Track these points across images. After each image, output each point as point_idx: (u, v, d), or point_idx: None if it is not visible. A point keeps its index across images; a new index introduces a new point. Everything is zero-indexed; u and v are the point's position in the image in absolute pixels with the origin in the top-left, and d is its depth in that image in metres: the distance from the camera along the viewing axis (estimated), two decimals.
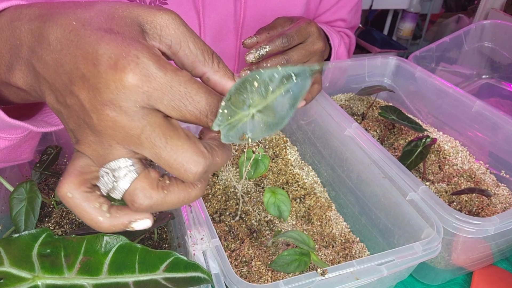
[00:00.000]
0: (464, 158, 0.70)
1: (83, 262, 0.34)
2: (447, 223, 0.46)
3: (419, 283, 0.58)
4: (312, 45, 0.59)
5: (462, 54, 0.98)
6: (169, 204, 0.27)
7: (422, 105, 0.79)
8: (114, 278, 0.34)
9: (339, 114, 0.62)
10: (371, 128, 0.76)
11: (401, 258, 0.42)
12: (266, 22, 0.69)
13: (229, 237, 0.56)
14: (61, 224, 0.55)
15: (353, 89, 0.85)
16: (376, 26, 2.28)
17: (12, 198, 0.49)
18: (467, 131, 0.71)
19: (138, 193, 0.26)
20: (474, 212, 0.60)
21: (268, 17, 0.71)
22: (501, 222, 0.46)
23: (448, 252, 0.52)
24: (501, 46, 0.98)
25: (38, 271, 0.34)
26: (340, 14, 0.81)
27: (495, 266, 0.60)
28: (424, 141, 0.62)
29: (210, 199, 0.61)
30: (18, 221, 0.49)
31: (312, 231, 0.59)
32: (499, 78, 1.02)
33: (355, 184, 0.59)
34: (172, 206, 0.28)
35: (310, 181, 0.68)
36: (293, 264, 0.46)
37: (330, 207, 0.64)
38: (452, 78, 0.99)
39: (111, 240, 0.34)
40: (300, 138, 0.74)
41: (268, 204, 0.55)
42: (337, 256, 0.56)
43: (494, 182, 0.66)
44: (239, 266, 0.52)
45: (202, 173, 0.26)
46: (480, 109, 0.67)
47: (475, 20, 1.25)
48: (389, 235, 0.53)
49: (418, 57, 0.86)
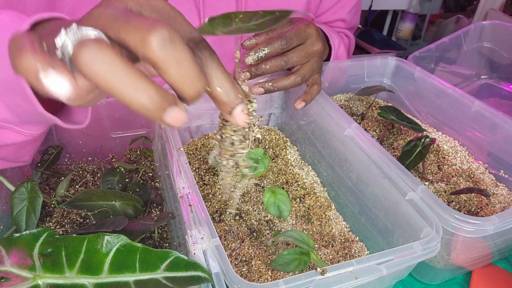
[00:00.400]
0: (463, 158, 0.70)
1: (84, 261, 0.34)
2: (446, 222, 0.47)
3: (419, 283, 0.59)
4: (311, 47, 0.59)
5: (461, 55, 0.98)
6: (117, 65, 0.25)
7: (422, 105, 0.79)
8: (115, 277, 0.34)
9: (338, 114, 0.62)
10: (370, 128, 0.76)
11: (400, 257, 0.42)
12: None
13: (229, 237, 0.56)
14: (62, 223, 0.55)
15: (353, 89, 0.85)
16: (375, 27, 2.28)
17: (13, 197, 0.49)
18: (466, 131, 0.71)
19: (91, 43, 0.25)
20: (473, 212, 0.60)
21: None
22: (500, 222, 0.47)
23: (447, 251, 0.52)
24: (500, 47, 0.98)
25: (39, 271, 0.34)
26: (340, 14, 0.81)
27: (494, 266, 0.61)
28: (423, 141, 0.62)
29: (211, 199, 0.62)
30: (19, 221, 0.49)
31: (312, 230, 0.59)
32: (498, 78, 1.03)
33: (355, 184, 0.60)
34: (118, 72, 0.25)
35: (310, 181, 0.68)
36: (293, 264, 0.46)
37: (330, 206, 0.64)
38: (451, 79, 0.99)
39: (112, 239, 0.34)
40: (300, 138, 0.74)
41: (268, 204, 0.55)
42: (336, 255, 0.56)
43: (493, 182, 0.66)
44: (239, 266, 0.52)
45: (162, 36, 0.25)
46: (479, 109, 0.67)
47: (474, 20, 1.25)
48: (388, 234, 0.54)
49: (418, 57, 0.86)
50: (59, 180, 0.62)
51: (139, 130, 0.68)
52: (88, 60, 0.24)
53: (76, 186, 0.61)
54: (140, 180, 0.64)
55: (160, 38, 0.24)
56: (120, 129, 0.67)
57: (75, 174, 0.64)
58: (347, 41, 0.83)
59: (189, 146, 0.72)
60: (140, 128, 0.68)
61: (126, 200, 0.53)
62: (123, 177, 0.60)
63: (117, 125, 0.67)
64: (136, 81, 0.25)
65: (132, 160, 0.68)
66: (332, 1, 0.79)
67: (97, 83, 0.25)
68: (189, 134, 0.75)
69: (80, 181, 0.63)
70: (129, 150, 0.69)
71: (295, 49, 0.58)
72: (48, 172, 0.59)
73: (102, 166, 0.67)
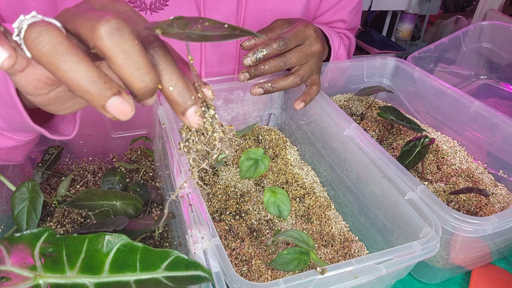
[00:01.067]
0: (462, 158, 0.70)
1: (84, 261, 0.34)
2: (446, 222, 0.47)
3: (418, 282, 0.59)
4: (310, 47, 0.60)
5: (461, 55, 0.98)
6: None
7: (421, 105, 0.79)
8: (116, 277, 0.34)
9: (338, 114, 0.62)
10: (370, 128, 0.76)
11: (399, 257, 0.43)
12: (266, 22, 0.69)
13: (229, 236, 0.56)
14: (63, 223, 0.55)
15: (352, 89, 0.85)
16: (375, 27, 2.28)
17: (14, 197, 0.50)
18: (465, 131, 0.71)
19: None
20: (472, 212, 0.60)
21: (268, 17, 0.71)
22: (499, 222, 0.47)
23: (447, 251, 0.52)
24: (499, 47, 0.98)
25: (40, 270, 0.34)
26: (341, 15, 0.81)
27: (493, 265, 0.61)
28: (423, 141, 0.62)
29: (211, 199, 0.62)
30: (20, 221, 0.49)
31: (312, 230, 0.59)
32: (497, 78, 1.03)
33: (354, 183, 0.60)
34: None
35: (310, 180, 0.68)
36: (293, 263, 0.46)
37: (330, 206, 0.64)
38: (450, 79, 1.00)
39: (112, 239, 0.34)
40: (300, 138, 0.74)
41: (268, 204, 0.55)
42: (336, 255, 0.56)
43: (492, 182, 0.66)
44: (239, 265, 0.52)
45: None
46: (478, 109, 0.67)
47: (473, 21, 1.25)
48: (388, 234, 0.54)
49: (417, 58, 0.86)
50: (60, 180, 0.62)
51: (139, 130, 0.68)
52: (34, 37, 0.25)
53: (77, 186, 0.61)
54: (140, 180, 0.64)
55: (108, 26, 0.25)
56: (121, 129, 0.68)
57: (76, 174, 0.64)
58: (347, 42, 0.84)
59: None
60: (141, 128, 0.68)
61: (127, 200, 0.53)
62: (123, 177, 0.60)
63: (118, 125, 0.67)
64: (80, 64, 0.26)
65: (132, 160, 0.68)
66: (332, 1, 0.79)
67: (41, 62, 0.26)
68: None
69: (81, 181, 0.63)
70: (129, 150, 0.69)
71: (294, 50, 0.58)
72: (49, 172, 0.59)
73: (103, 166, 0.67)
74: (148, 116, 0.66)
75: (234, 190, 0.64)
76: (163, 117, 0.58)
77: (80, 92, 0.26)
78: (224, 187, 0.64)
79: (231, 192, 0.64)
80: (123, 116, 0.27)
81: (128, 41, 0.26)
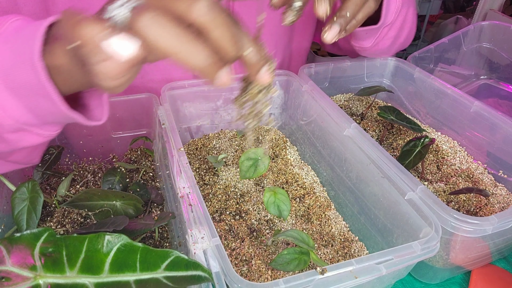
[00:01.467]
0: (462, 158, 0.70)
1: (84, 261, 0.34)
2: (445, 222, 0.47)
3: (418, 282, 0.59)
4: None
5: (461, 55, 0.98)
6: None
7: (421, 105, 0.79)
8: (116, 276, 0.34)
9: (338, 114, 0.62)
10: (370, 128, 0.76)
11: (399, 257, 0.43)
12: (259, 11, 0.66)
13: (229, 236, 0.56)
14: (63, 223, 0.55)
15: (352, 89, 0.85)
16: None
17: (14, 197, 0.50)
18: (465, 131, 0.71)
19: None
20: (472, 212, 0.60)
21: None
22: (499, 222, 0.47)
23: (447, 251, 0.52)
24: (499, 47, 0.98)
25: (40, 270, 0.34)
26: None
27: (493, 265, 0.61)
28: (423, 141, 0.62)
29: (211, 199, 0.62)
30: (20, 221, 0.49)
31: (312, 230, 0.59)
32: (497, 78, 1.03)
33: (354, 183, 0.60)
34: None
35: (310, 180, 0.68)
36: (293, 263, 0.46)
37: (330, 206, 0.64)
38: (450, 79, 1.00)
39: (112, 239, 0.34)
40: (300, 138, 0.74)
41: (268, 204, 0.55)
42: (336, 255, 0.56)
43: (492, 182, 0.66)
44: (239, 265, 0.52)
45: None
46: (478, 109, 0.67)
47: (473, 21, 1.25)
48: (387, 234, 0.54)
49: (417, 58, 0.86)
50: (60, 180, 0.63)
51: (139, 130, 0.68)
52: (147, 23, 0.27)
53: (77, 186, 0.62)
54: (140, 180, 0.64)
55: (205, 4, 0.28)
56: (121, 129, 0.68)
57: (76, 174, 0.64)
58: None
59: (190, 146, 0.72)
60: (141, 128, 0.68)
61: (127, 200, 0.53)
62: (123, 177, 0.60)
63: (118, 125, 0.67)
64: (193, 43, 0.28)
65: (132, 160, 0.68)
66: None
67: (156, 45, 0.28)
68: (190, 134, 0.75)
69: (81, 181, 0.63)
70: (129, 150, 0.69)
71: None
72: (49, 172, 0.59)
73: (103, 166, 0.67)
74: (148, 116, 0.66)
75: (234, 190, 0.64)
76: (163, 117, 0.58)
77: (194, 67, 0.29)
78: (224, 187, 0.64)
79: (231, 192, 0.64)
80: (228, 84, 0.31)
81: (222, 14, 0.29)
